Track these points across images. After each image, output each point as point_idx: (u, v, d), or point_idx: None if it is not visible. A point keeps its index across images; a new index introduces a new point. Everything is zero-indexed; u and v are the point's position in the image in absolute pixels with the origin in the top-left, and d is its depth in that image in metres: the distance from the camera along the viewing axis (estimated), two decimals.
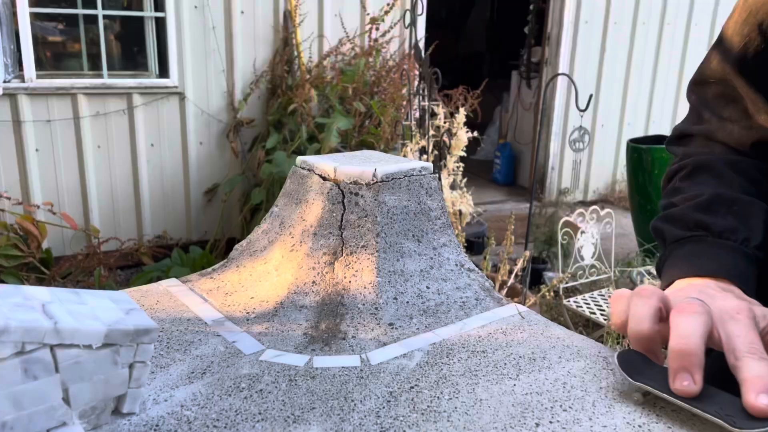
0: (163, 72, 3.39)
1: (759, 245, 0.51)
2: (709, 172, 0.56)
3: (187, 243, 3.50)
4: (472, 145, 3.05)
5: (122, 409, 0.33)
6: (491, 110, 5.43)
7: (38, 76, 3.10)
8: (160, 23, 3.34)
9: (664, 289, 0.48)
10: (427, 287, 0.51)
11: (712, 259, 0.49)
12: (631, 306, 0.40)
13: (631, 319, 0.40)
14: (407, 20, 2.47)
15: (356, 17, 3.69)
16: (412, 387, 0.39)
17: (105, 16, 3.27)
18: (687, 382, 0.36)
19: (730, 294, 0.44)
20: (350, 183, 0.53)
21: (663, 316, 0.40)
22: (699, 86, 0.62)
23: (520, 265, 2.26)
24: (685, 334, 0.38)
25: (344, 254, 0.51)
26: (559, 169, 4.77)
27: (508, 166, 5.13)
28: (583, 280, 2.52)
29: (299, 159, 0.59)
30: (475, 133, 2.52)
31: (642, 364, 0.39)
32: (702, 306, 0.39)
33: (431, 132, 2.47)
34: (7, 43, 3.00)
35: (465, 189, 2.45)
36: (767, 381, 0.36)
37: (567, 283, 2.40)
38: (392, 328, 0.46)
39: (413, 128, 2.51)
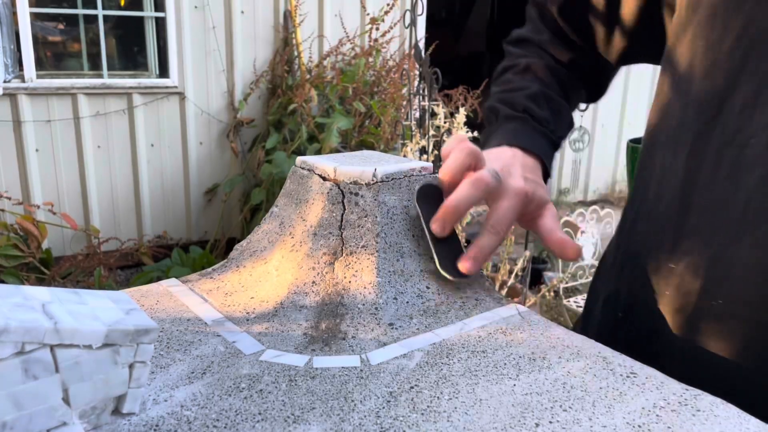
0: (163, 72, 3.39)
1: (560, 136, 0.67)
2: (535, 73, 0.70)
3: (187, 243, 3.50)
4: None
5: (122, 409, 0.33)
6: None
7: (38, 76, 3.10)
8: (160, 23, 3.35)
9: (487, 146, 0.63)
10: (427, 287, 0.51)
11: (530, 137, 0.63)
12: (451, 154, 0.52)
13: (445, 164, 0.52)
14: (407, 20, 2.47)
15: (356, 17, 3.69)
16: (412, 387, 0.39)
17: (105, 16, 3.27)
18: (437, 226, 0.50)
19: (527, 173, 0.57)
20: (350, 183, 0.53)
21: (472, 167, 0.52)
22: (538, 6, 0.74)
23: (520, 265, 2.26)
24: (459, 197, 0.50)
25: (344, 254, 0.51)
26: (559, 168, 4.77)
27: None
28: (583, 280, 2.52)
29: (299, 159, 0.59)
30: (475, 133, 2.53)
31: (435, 198, 0.53)
32: (491, 181, 0.51)
33: (431, 132, 2.47)
34: (7, 43, 3.00)
35: None
36: (478, 251, 0.51)
37: (567, 283, 2.40)
38: (392, 328, 0.46)
39: (413, 128, 2.51)
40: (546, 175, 0.62)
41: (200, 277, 0.56)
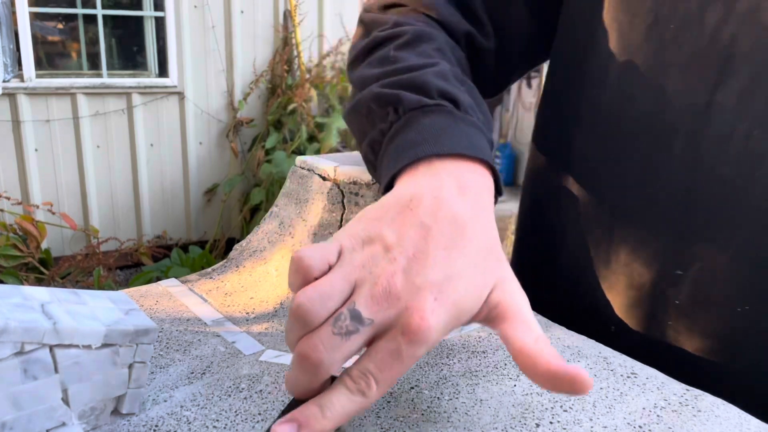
0: (163, 71, 3.39)
1: (490, 133, 0.42)
2: (431, 45, 0.45)
3: (187, 243, 3.50)
4: None
5: (122, 410, 0.33)
6: (491, 110, 5.43)
7: (37, 76, 3.10)
8: (160, 23, 3.34)
9: (388, 183, 0.36)
10: None
11: (463, 135, 0.37)
12: (293, 371, 0.29)
13: (290, 387, 0.29)
14: None
15: (356, 17, 3.69)
16: (412, 387, 0.38)
17: (104, 16, 3.27)
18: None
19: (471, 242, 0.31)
20: (350, 183, 0.53)
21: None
22: None
23: None
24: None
25: None
26: None
27: (508, 166, 5.13)
28: None
29: (299, 159, 0.59)
30: None
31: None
32: (333, 361, 0.28)
33: None
34: (6, 42, 3.00)
35: None
36: (316, 416, 0.28)
37: None
38: None
39: None
40: (498, 193, 0.38)
41: (200, 278, 0.56)
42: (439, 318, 0.29)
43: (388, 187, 0.37)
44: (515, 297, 0.32)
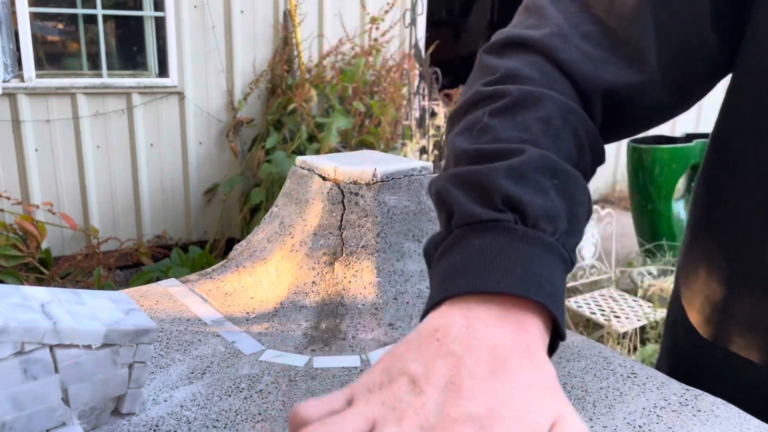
0: (163, 71, 3.39)
1: (574, 245, 0.33)
2: (536, 113, 0.36)
3: (187, 243, 3.50)
4: None
5: (122, 410, 0.33)
6: None
7: (37, 76, 3.10)
8: (160, 23, 3.34)
9: (427, 312, 0.30)
10: (428, 287, 0.51)
11: (518, 264, 0.29)
12: None
13: None
14: (407, 20, 2.47)
15: (356, 17, 3.69)
16: None
17: (104, 16, 3.27)
18: None
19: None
20: (350, 183, 0.53)
21: None
22: None
23: None
24: None
25: (344, 254, 0.51)
26: None
27: None
28: (583, 280, 2.52)
29: (299, 159, 0.59)
30: None
31: None
32: None
33: (431, 132, 2.47)
34: (6, 42, 3.00)
35: None
36: None
37: (567, 283, 2.40)
38: (392, 329, 0.46)
39: (413, 128, 2.51)
40: (559, 337, 0.31)
41: (200, 278, 0.56)
42: None
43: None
44: None
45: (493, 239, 0.31)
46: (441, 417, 0.23)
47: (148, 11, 3.36)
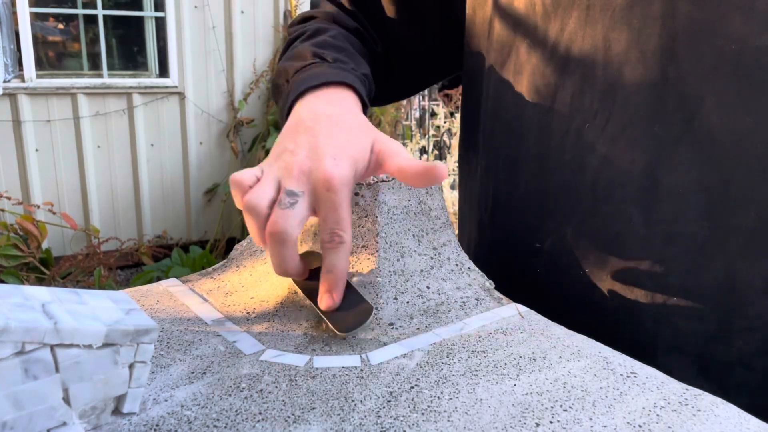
0: (163, 72, 3.39)
1: (364, 74, 0.56)
2: (327, 34, 0.60)
3: (187, 243, 3.50)
4: None
5: (122, 409, 0.33)
6: None
7: (38, 76, 3.10)
8: (160, 23, 3.35)
9: (286, 115, 0.50)
10: (428, 287, 0.51)
11: (323, 73, 0.51)
12: (271, 251, 0.40)
13: (277, 267, 0.42)
14: None
15: None
16: (412, 387, 0.39)
17: (105, 16, 3.27)
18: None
19: (337, 132, 0.44)
20: None
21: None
22: None
23: None
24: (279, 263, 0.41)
25: None
26: None
27: None
28: None
29: None
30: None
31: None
32: (292, 226, 0.39)
33: (431, 132, 2.47)
34: (7, 42, 3.00)
35: None
36: (332, 278, 0.41)
37: None
38: (392, 328, 0.46)
39: (413, 128, 2.51)
40: (364, 105, 0.52)
41: (200, 277, 0.56)
42: (341, 167, 0.41)
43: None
44: (390, 144, 0.45)
45: (313, 69, 0.53)
46: (312, 161, 0.41)
47: (148, 11, 3.36)
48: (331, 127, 0.44)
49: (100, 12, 3.21)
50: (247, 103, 3.50)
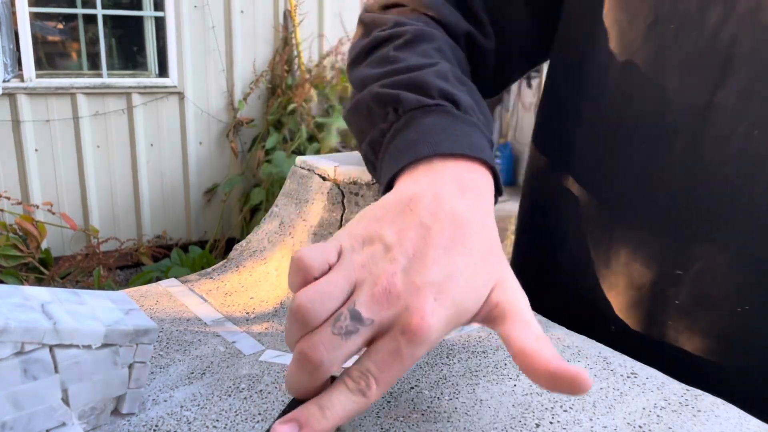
0: (163, 72, 3.39)
1: (490, 134, 0.42)
2: (431, 45, 0.45)
3: (187, 243, 3.50)
4: None
5: (122, 410, 0.33)
6: (491, 110, 5.43)
7: (37, 76, 3.10)
8: (160, 23, 3.35)
9: (388, 182, 0.37)
10: None
11: (463, 135, 0.38)
12: (293, 369, 0.29)
13: (289, 385, 0.30)
14: None
15: (356, 16, 3.69)
16: (412, 387, 0.38)
17: (104, 16, 3.27)
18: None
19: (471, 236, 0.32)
20: (350, 183, 0.53)
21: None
22: None
23: None
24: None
25: None
26: None
27: (508, 166, 5.13)
28: None
29: (299, 159, 0.59)
30: None
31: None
32: (332, 361, 0.28)
33: None
34: (6, 42, 3.00)
35: None
36: (317, 415, 0.28)
37: None
38: None
39: None
40: (498, 192, 0.39)
41: (200, 277, 0.56)
42: (440, 317, 0.29)
43: (389, 186, 0.37)
44: (515, 297, 0.32)
45: (439, 119, 0.38)
46: (407, 284, 0.29)
47: (148, 11, 3.36)
48: (453, 239, 0.31)
49: (99, 12, 3.21)
50: (247, 103, 3.50)
